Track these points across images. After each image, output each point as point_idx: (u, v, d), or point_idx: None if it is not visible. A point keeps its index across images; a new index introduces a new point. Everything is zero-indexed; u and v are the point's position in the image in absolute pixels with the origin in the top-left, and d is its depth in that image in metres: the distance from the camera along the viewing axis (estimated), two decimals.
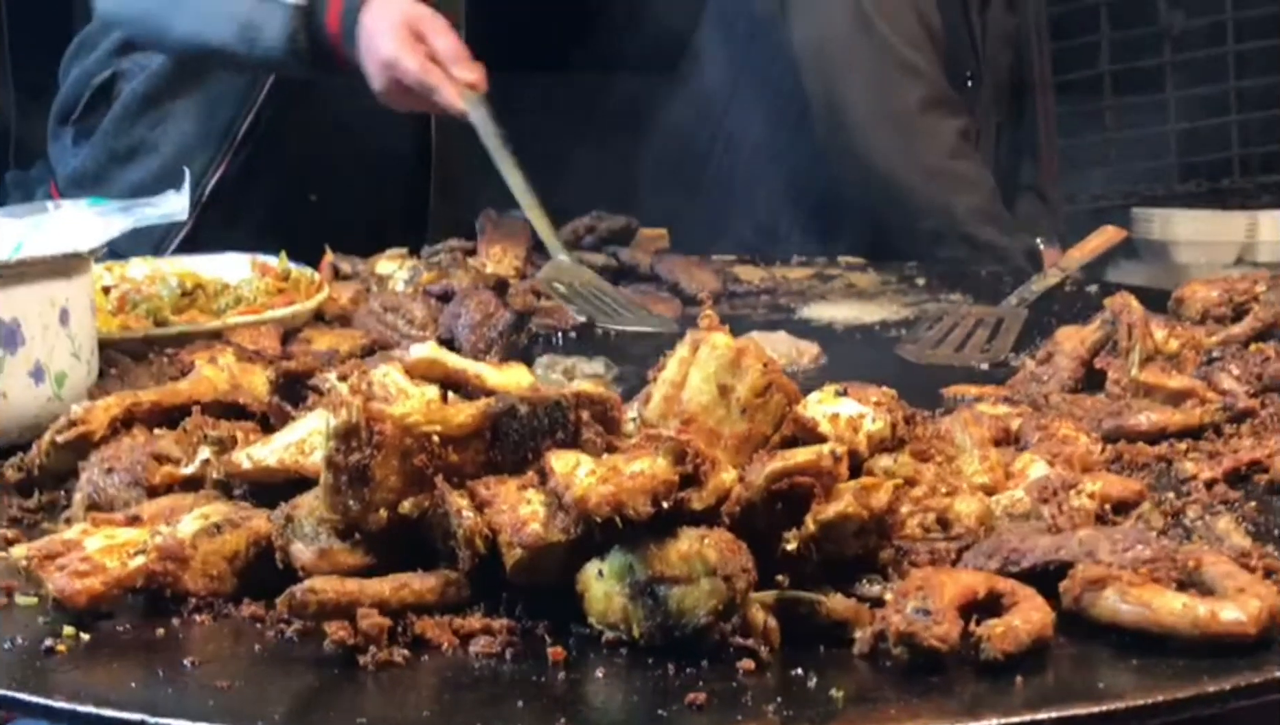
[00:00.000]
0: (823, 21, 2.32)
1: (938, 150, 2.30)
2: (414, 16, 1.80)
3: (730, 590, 0.73)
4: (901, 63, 2.28)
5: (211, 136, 2.08)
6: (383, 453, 0.81)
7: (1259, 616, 0.71)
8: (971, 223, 2.29)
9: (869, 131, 2.31)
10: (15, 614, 0.82)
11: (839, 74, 2.31)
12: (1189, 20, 3.06)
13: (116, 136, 2.13)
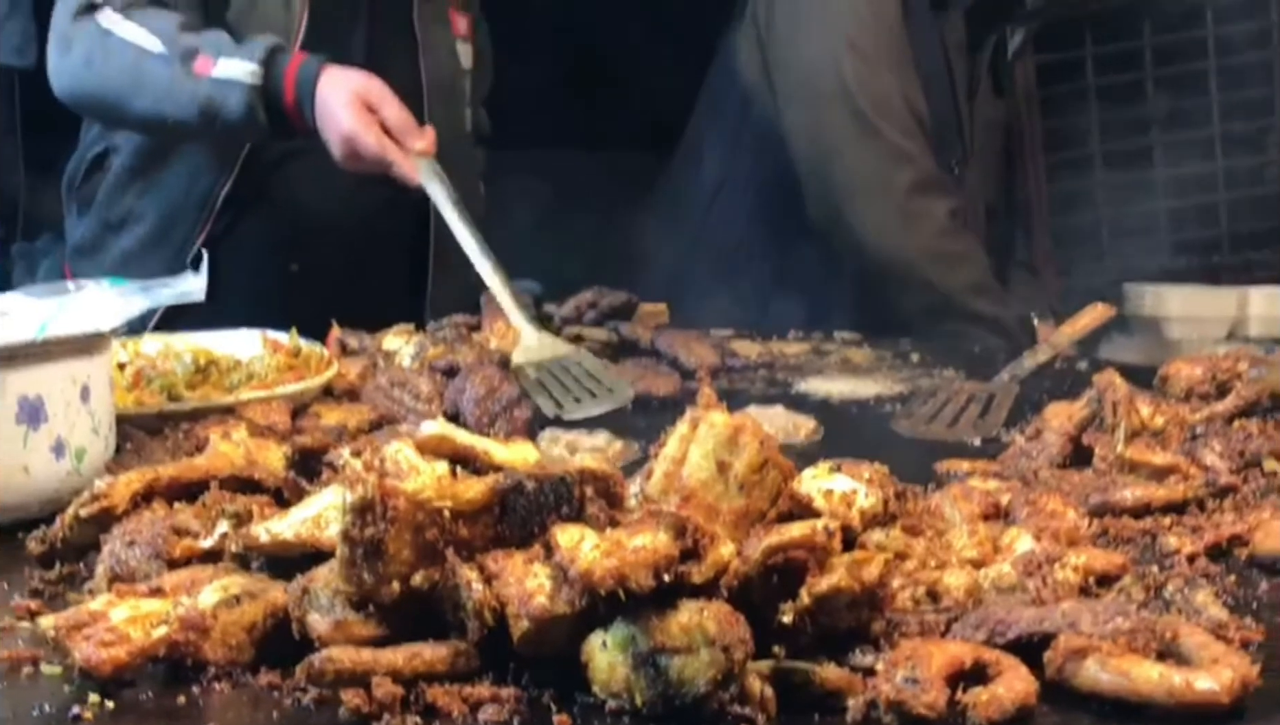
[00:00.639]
0: (815, 108, 2.39)
1: (929, 230, 2.37)
2: (364, 89, 1.92)
3: (729, 660, 0.77)
4: (892, 148, 2.35)
5: (192, 205, 2.16)
6: (396, 527, 0.85)
7: (1232, 686, 0.75)
8: (966, 297, 2.35)
9: (862, 214, 2.38)
10: (41, 682, 0.85)
11: (832, 159, 2.39)
12: (1175, 101, 3.14)
13: (109, 207, 2.21)
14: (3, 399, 1.15)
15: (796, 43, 2.44)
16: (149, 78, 1.97)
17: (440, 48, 2.31)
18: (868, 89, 2.37)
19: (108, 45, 1.99)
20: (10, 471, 1.16)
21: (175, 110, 1.98)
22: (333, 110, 1.91)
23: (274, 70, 1.95)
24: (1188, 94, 3.14)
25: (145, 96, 2.00)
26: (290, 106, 1.95)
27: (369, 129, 1.89)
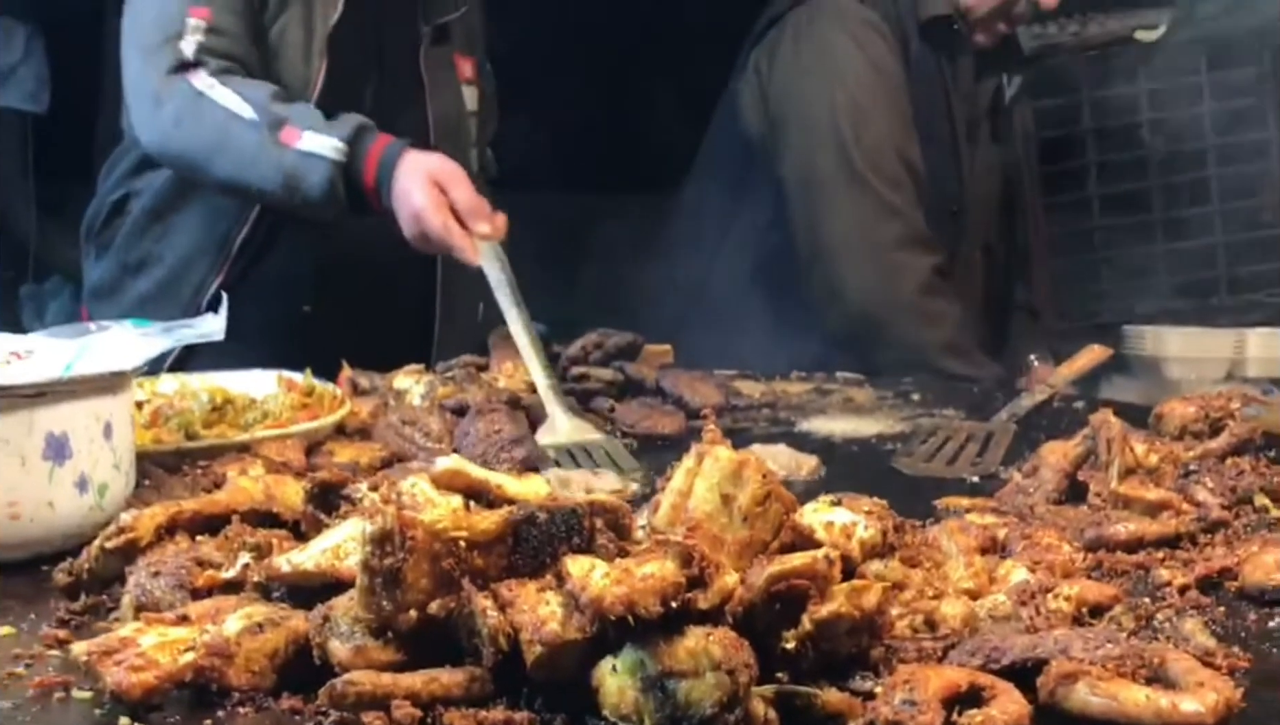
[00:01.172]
0: (809, 159, 2.46)
1: (909, 286, 2.42)
2: (439, 170, 1.98)
3: (734, 684, 0.80)
4: (880, 202, 2.41)
5: (209, 249, 2.22)
6: (414, 557, 0.89)
7: (1216, 708, 0.78)
8: (939, 356, 2.39)
9: (845, 266, 2.43)
10: (73, 706, 0.89)
11: (821, 208, 2.45)
12: (1171, 145, 3.20)
13: (127, 250, 2.27)
14: (30, 436, 1.19)
15: (795, 94, 2.50)
16: (236, 142, 2.03)
17: (446, 91, 2.38)
18: (861, 142, 2.43)
19: (199, 106, 2.04)
20: (36, 506, 1.20)
21: (258, 177, 2.04)
22: (407, 189, 1.97)
23: (359, 149, 2.00)
24: (1184, 138, 3.20)
25: (230, 160, 2.05)
26: (370, 186, 2.00)
27: (437, 209, 1.95)
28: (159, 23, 2.09)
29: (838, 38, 2.48)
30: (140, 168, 2.26)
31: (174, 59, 2.05)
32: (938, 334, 2.43)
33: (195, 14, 2.07)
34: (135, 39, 2.13)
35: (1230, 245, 3.23)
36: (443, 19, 2.38)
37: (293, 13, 2.16)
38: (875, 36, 2.47)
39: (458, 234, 1.94)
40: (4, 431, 1.18)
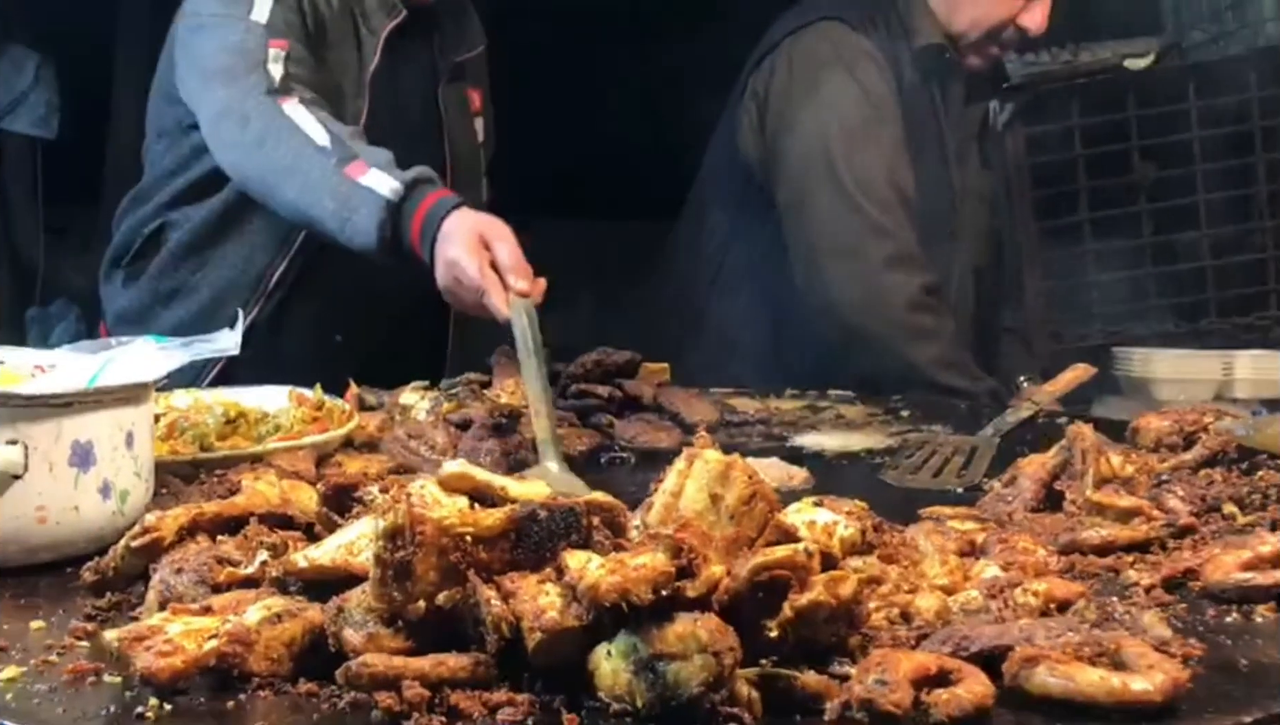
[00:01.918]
0: (802, 184, 2.54)
1: (900, 303, 2.49)
2: (486, 226, 1.96)
3: (719, 665, 0.87)
4: (871, 223, 2.49)
5: (247, 283, 2.29)
6: (423, 551, 0.96)
7: (1164, 687, 0.85)
8: (933, 370, 2.47)
9: (839, 285, 2.51)
10: (105, 689, 0.96)
11: (814, 229, 2.52)
12: (1161, 171, 3.27)
13: (161, 279, 2.34)
14: (58, 443, 1.26)
15: (790, 120, 2.58)
16: (305, 166, 2.05)
17: (461, 125, 2.49)
18: (853, 166, 2.51)
19: (282, 128, 2.07)
20: (63, 511, 1.27)
21: (317, 205, 2.05)
22: (449, 236, 1.96)
23: (415, 193, 2.00)
24: (1173, 164, 3.27)
25: (296, 185, 2.07)
26: (415, 232, 1.99)
27: (474, 259, 1.92)
28: (241, 51, 2.14)
29: (831, 65, 2.56)
30: (178, 201, 2.34)
31: (267, 83, 2.10)
32: (928, 349, 2.50)
33: (274, 44, 2.14)
34: (214, 67, 2.17)
35: (1219, 269, 3.28)
36: (460, 58, 2.48)
37: (336, 55, 2.25)
38: (868, 64, 2.55)
39: (493, 282, 1.91)
40: (33, 439, 1.25)
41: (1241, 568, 1.14)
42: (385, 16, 2.32)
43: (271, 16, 2.17)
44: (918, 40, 2.58)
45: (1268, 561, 1.14)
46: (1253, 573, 1.13)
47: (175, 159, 2.36)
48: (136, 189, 2.45)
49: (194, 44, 2.23)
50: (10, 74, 4.29)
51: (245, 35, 2.16)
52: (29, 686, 0.96)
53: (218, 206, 2.30)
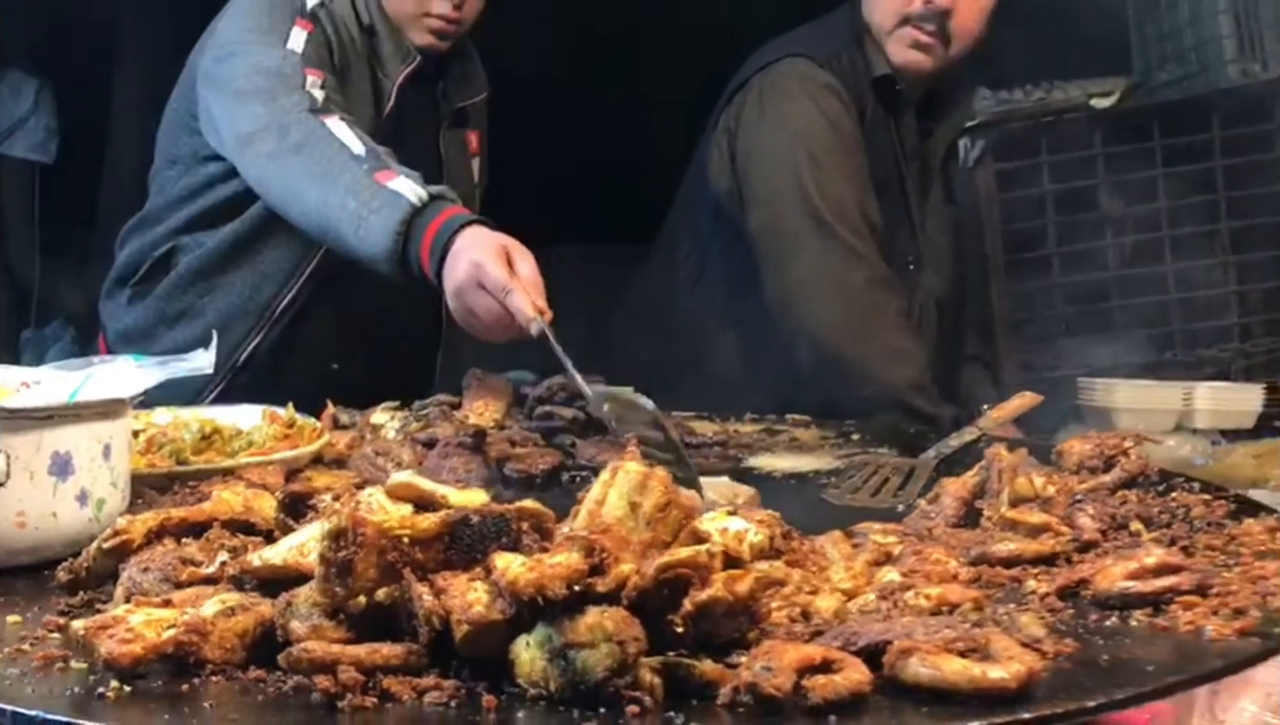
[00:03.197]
0: (776, 211, 2.65)
1: (880, 326, 2.60)
2: (508, 241, 2.00)
3: (624, 653, 0.97)
4: (847, 247, 2.59)
5: (253, 310, 2.42)
6: (364, 550, 1.06)
7: (1019, 675, 0.96)
8: (907, 393, 2.57)
9: (819, 309, 2.61)
10: (71, 674, 1.06)
11: (791, 258, 2.63)
12: (1127, 207, 3.39)
13: (169, 301, 2.47)
14: (38, 453, 1.37)
15: (760, 151, 2.70)
16: (337, 170, 2.12)
17: (459, 165, 2.63)
18: (824, 194, 2.62)
19: (322, 137, 2.15)
20: (42, 517, 1.37)
21: (339, 206, 2.09)
22: (475, 243, 1.98)
23: (436, 205, 2.05)
24: (1139, 200, 3.39)
25: (323, 186, 2.12)
26: (428, 239, 2.02)
27: (501, 264, 1.95)
28: (279, 75, 2.25)
29: (798, 99, 2.68)
30: (190, 226, 2.46)
31: (309, 103, 2.20)
32: (904, 371, 2.60)
33: (310, 73, 2.26)
34: (250, 88, 2.27)
35: (1183, 302, 3.40)
36: (463, 103, 2.62)
37: (354, 96, 2.38)
38: (832, 98, 2.67)
39: (519, 285, 1.94)
40: (15, 449, 1.35)
41: (1127, 577, 1.24)
42: (400, 63, 2.47)
43: (305, 48, 2.31)
44: (874, 72, 2.70)
45: (1151, 572, 1.25)
46: (1135, 582, 1.23)
47: (188, 186, 2.48)
48: (144, 212, 2.58)
49: (223, 71, 2.34)
50: (9, 99, 4.42)
51: (282, 61, 2.29)
52: (2, 671, 1.06)
53: (229, 235, 2.43)
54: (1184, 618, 1.17)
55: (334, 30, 2.37)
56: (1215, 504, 1.57)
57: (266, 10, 2.34)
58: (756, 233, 2.71)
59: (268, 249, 2.43)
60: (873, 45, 2.72)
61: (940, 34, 2.68)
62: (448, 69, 2.59)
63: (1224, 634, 1.12)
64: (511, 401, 2.15)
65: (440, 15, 2.44)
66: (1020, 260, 3.43)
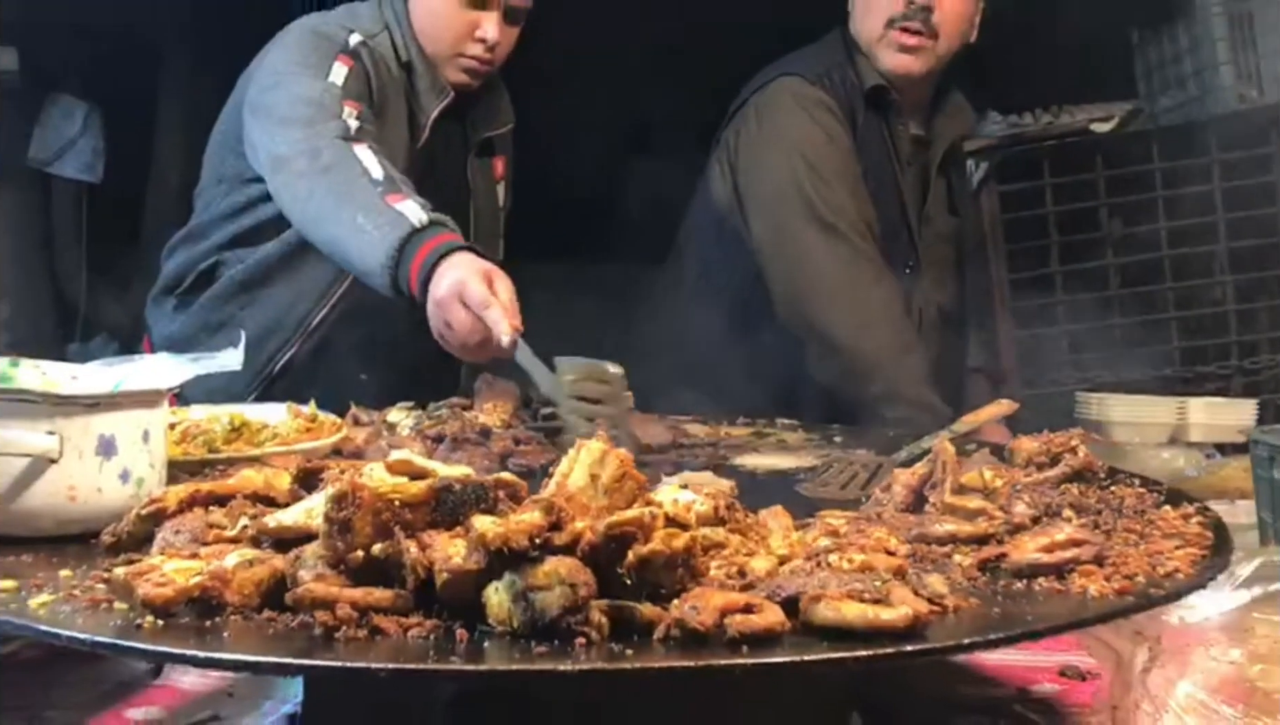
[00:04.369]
0: (780, 220, 2.85)
1: (889, 318, 2.79)
2: (490, 266, 2.24)
3: (575, 595, 1.17)
4: (852, 247, 2.79)
5: (289, 323, 2.66)
6: (361, 512, 1.27)
7: (907, 617, 1.15)
8: (914, 384, 2.76)
9: (832, 311, 2.80)
10: (114, 612, 1.27)
11: (799, 264, 2.83)
12: (1127, 228, 3.55)
13: (211, 311, 2.71)
14: (86, 435, 1.58)
15: (760, 164, 2.91)
16: (354, 190, 2.34)
17: (485, 192, 2.88)
18: (825, 199, 2.83)
19: (349, 161, 2.38)
20: (89, 491, 1.58)
21: (349, 222, 2.31)
22: (458, 265, 2.19)
23: (434, 229, 2.27)
24: (1139, 221, 3.55)
25: (340, 203, 2.34)
26: (420, 256, 2.24)
27: (482, 283, 2.16)
28: (320, 104, 2.50)
29: (794, 114, 2.90)
30: (234, 242, 2.72)
31: (343, 130, 2.45)
32: (917, 362, 2.79)
33: (349, 104, 2.50)
34: (293, 115, 2.51)
35: (1183, 320, 3.56)
36: (490, 133, 2.87)
37: (390, 130, 2.62)
38: (825, 112, 2.88)
39: (497, 305, 2.15)
40: (66, 431, 1.57)
41: (1038, 550, 1.43)
42: (436, 98, 2.72)
43: (346, 82, 2.56)
44: (866, 84, 2.90)
45: (1060, 546, 1.43)
46: (1043, 554, 1.41)
47: (232, 204, 2.73)
48: (190, 227, 2.83)
49: (267, 99, 2.59)
50: (60, 122, 4.70)
51: (323, 92, 2.53)
52: (56, 608, 1.28)
53: (270, 252, 2.68)
54: (1078, 583, 1.36)
55: (373, 66, 2.62)
56: (1148, 496, 1.76)
57: (311, 46, 2.58)
58: (761, 240, 2.91)
59: (305, 266, 2.67)
60: (863, 59, 2.92)
61: (927, 31, 2.87)
62: (476, 101, 2.83)
63: (1105, 593, 1.31)
64: (519, 403, 2.36)
65: (474, 56, 2.68)
66: (1024, 278, 3.60)
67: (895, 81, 2.93)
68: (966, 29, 2.94)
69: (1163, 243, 3.54)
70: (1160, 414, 3.26)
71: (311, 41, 2.64)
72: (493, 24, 2.68)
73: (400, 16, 2.74)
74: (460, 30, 2.69)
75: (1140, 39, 3.76)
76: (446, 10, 2.68)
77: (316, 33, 2.67)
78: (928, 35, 2.87)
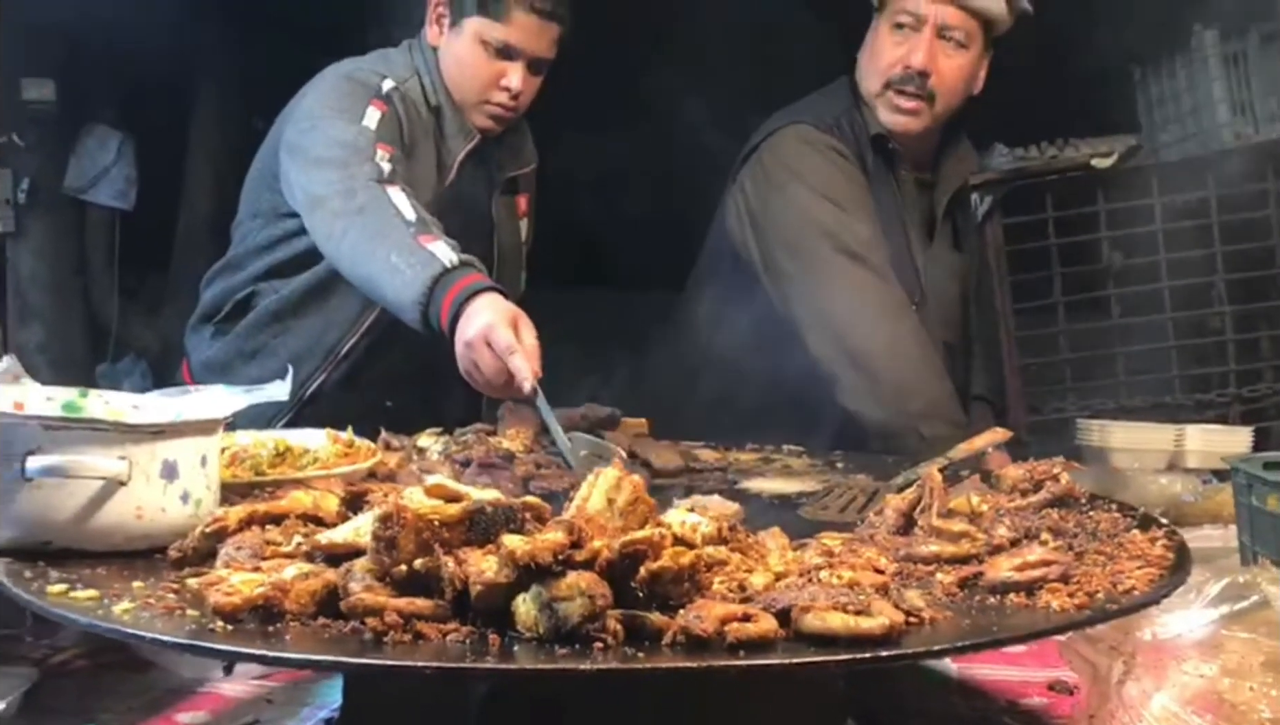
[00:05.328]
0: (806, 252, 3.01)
1: (919, 344, 2.96)
2: (516, 312, 2.41)
3: (594, 605, 1.36)
4: (878, 275, 2.97)
5: (319, 351, 2.86)
6: (405, 530, 1.46)
7: (884, 626, 1.33)
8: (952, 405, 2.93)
9: (865, 336, 2.95)
10: (188, 618, 1.46)
11: (827, 288, 2.99)
12: (1128, 259, 3.73)
13: (246, 339, 2.91)
14: (152, 460, 1.77)
15: (781, 202, 3.09)
16: (388, 230, 2.52)
17: (508, 228, 3.08)
18: (850, 230, 3.01)
19: (382, 203, 2.56)
20: (154, 511, 1.77)
21: (383, 261, 2.47)
22: (486, 307, 2.35)
23: (464, 269, 2.44)
24: (1139, 253, 3.73)
25: (375, 241, 2.51)
26: (451, 295, 2.41)
27: (508, 328, 2.32)
28: (354, 147, 2.69)
29: (809, 156, 3.09)
30: (269, 274, 2.93)
31: (377, 173, 2.64)
32: (950, 386, 2.96)
33: (381, 147, 2.70)
34: (328, 156, 2.69)
35: (1182, 350, 3.73)
36: (513, 172, 3.07)
37: (420, 171, 2.82)
38: (836, 155, 3.07)
39: (521, 352, 2.33)
40: (134, 456, 1.76)
41: (1011, 569, 1.61)
42: (463, 141, 2.93)
43: (379, 126, 2.76)
44: (871, 131, 3.09)
45: (1031, 565, 1.61)
46: (1016, 572, 1.59)
47: (268, 237, 2.94)
48: (227, 258, 3.04)
49: (304, 140, 2.79)
50: (95, 151, 4.91)
51: (357, 136, 2.74)
52: (138, 614, 1.47)
53: (303, 284, 2.88)
54: (1044, 599, 1.54)
55: (404, 110, 2.82)
56: (1121, 521, 1.93)
57: (346, 92, 2.79)
58: (789, 275, 3.07)
59: (336, 298, 2.88)
60: (868, 109, 3.12)
61: (922, 95, 3.06)
62: (501, 142, 3.03)
63: (1066, 608, 1.49)
64: (539, 430, 2.55)
65: (499, 103, 2.89)
66: (1027, 308, 3.78)
67: (895, 135, 3.12)
68: (966, 89, 3.12)
69: (1163, 274, 3.71)
70: (1159, 440, 3.40)
71: (346, 87, 2.84)
72: (518, 74, 2.88)
73: (430, 64, 2.95)
74: (487, 79, 2.90)
75: (1142, 76, 3.94)
76: (474, 60, 2.89)
77: (351, 79, 2.87)
78: (923, 100, 3.06)
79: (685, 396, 3.27)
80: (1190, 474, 3.37)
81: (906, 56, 3.05)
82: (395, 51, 3.03)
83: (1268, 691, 1.81)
